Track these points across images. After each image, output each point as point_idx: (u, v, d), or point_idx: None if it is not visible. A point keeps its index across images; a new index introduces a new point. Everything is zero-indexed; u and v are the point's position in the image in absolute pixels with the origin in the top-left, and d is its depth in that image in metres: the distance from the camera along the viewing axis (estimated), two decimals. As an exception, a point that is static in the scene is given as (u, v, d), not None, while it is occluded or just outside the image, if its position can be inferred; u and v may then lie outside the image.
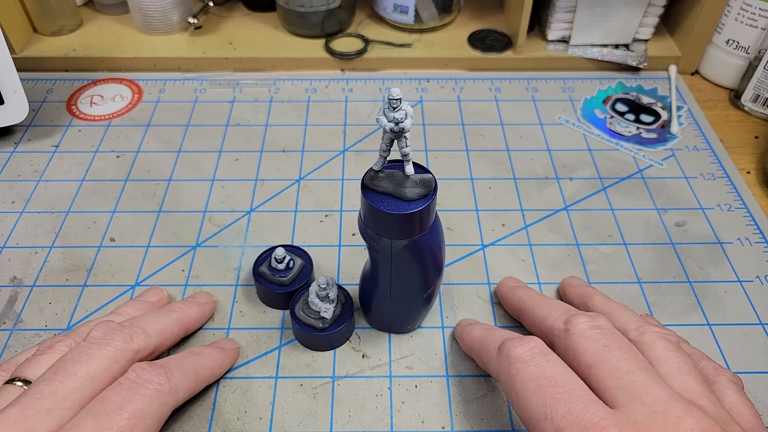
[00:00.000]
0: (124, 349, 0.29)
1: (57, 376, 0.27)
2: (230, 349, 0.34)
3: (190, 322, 0.35)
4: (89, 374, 0.27)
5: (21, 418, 0.25)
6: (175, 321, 0.34)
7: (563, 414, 0.24)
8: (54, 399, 0.26)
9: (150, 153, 0.48)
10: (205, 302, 0.37)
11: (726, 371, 0.29)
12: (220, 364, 0.33)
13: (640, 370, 0.25)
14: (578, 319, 0.28)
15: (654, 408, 0.24)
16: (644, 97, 0.54)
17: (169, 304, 0.36)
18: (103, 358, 0.28)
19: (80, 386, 0.27)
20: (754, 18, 0.51)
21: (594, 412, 0.24)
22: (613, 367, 0.26)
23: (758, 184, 0.47)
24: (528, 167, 0.48)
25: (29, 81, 0.55)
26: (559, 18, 0.55)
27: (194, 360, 0.32)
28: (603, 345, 0.27)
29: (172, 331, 0.33)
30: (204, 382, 0.32)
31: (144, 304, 0.36)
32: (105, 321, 0.30)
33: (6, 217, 0.43)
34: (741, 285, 0.40)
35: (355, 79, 0.56)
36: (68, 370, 0.27)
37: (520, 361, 0.27)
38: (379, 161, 0.28)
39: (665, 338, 0.28)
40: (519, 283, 0.38)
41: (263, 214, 0.44)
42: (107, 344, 0.29)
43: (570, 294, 0.37)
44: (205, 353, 0.33)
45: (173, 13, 0.57)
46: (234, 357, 0.35)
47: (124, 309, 0.35)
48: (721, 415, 0.25)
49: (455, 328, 0.36)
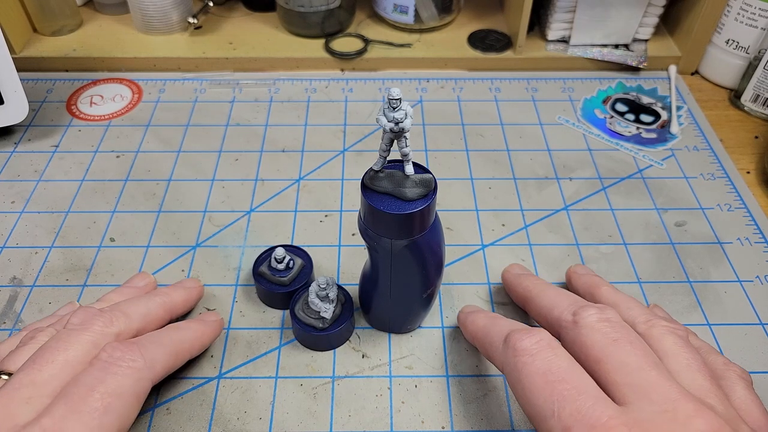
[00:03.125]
0: (104, 333, 0.29)
1: (35, 364, 0.27)
2: (212, 321, 0.34)
3: (175, 306, 0.35)
4: (68, 360, 0.27)
5: (1, 408, 0.25)
6: (159, 304, 0.33)
7: (571, 412, 0.24)
8: (32, 387, 0.26)
9: (150, 153, 0.48)
10: (192, 286, 0.37)
11: (735, 366, 0.29)
12: (200, 336, 0.33)
13: (650, 367, 0.25)
14: (587, 311, 0.28)
15: (663, 406, 0.23)
16: (644, 97, 0.54)
17: (156, 289, 0.36)
18: (82, 343, 0.28)
19: (59, 373, 0.27)
20: (754, 18, 0.51)
21: (603, 410, 0.23)
22: (622, 362, 0.25)
23: (758, 184, 0.47)
24: (528, 167, 0.48)
25: (29, 81, 0.55)
26: (559, 18, 0.55)
27: (171, 333, 0.31)
28: (612, 339, 0.26)
29: (156, 315, 0.33)
30: (185, 354, 0.32)
31: (130, 290, 0.36)
32: (85, 307, 0.30)
33: (6, 217, 0.43)
34: (741, 285, 0.40)
35: (355, 79, 0.56)
36: (46, 358, 0.27)
37: (526, 354, 0.26)
38: (379, 161, 0.28)
39: (674, 333, 0.28)
40: (524, 271, 0.37)
41: (263, 214, 0.44)
42: (86, 329, 0.29)
43: (576, 283, 0.36)
44: (184, 327, 0.33)
45: (173, 13, 0.57)
46: (216, 329, 0.34)
47: (110, 296, 0.35)
48: (730, 414, 0.24)
49: (458, 315, 0.36)
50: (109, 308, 0.31)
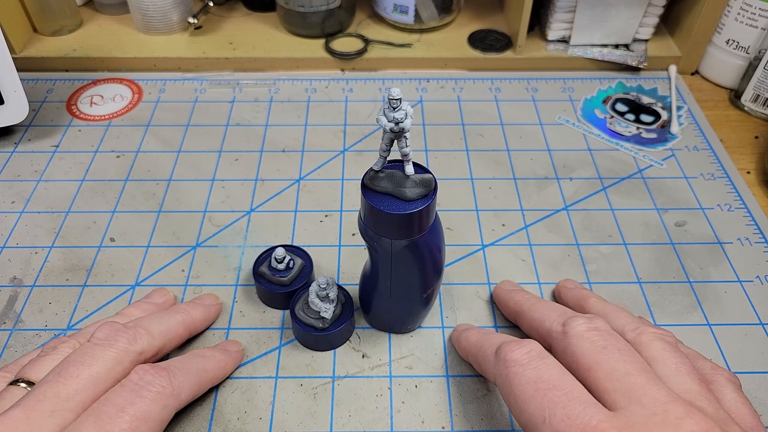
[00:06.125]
0: (128, 351, 0.29)
1: (60, 377, 0.27)
2: (234, 351, 0.34)
3: (194, 324, 0.35)
4: (92, 376, 0.27)
5: (23, 420, 0.25)
6: (180, 322, 0.34)
7: (561, 417, 0.24)
8: (56, 401, 0.26)
9: (150, 153, 0.48)
10: (210, 304, 0.37)
11: (723, 370, 0.29)
12: (223, 366, 0.33)
13: (639, 372, 0.25)
14: (576, 321, 0.28)
15: (653, 410, 0.24)
16: (644, 97, 0.54)
17: (174, 305, 0.36)
18: (107, 359, 0.28)
19: (83, 388, 0.27)
20: (754, 18, 0.51)
21: (593, 414, 0.24)
22: (611, 368, 0.26)
23: (758, 184, 0.47)
24: (528, 167, 0.48)
25: (29, 81, 0.55)
26: (559, 18, 0.55)
27: (197, 362, 0.31)
28: (601, 347, 0.27)
29: (176, 333, 0.33)
30: (207, 384, 0.32)
31: (149, 305, 0.36)
32: (109, 322, 0.30)
33: (6, 217, 0.43)
34: (741, 285, 0.40)
35: (355, 79, 0.56)
36: (71, 372, 0.27)
37: (517, 365, 0.27)
38: (379, 161, 0.28)
39: (662, 339, 0.28)
40: (516, 287, 0.38)
41: (263, 214, 0.44)
42: (111, 345, 0.29)
43: (566, 296, 0.37)
44: (209, 355, 0.33)
45: (173, 13, 0.57)
46: (238, 359, 0.35)
47: (129, 310, 0.35)
48: (720, 416, 0.24)
49: (452, 333, 0.36)
50: (133, 325, 0.31)
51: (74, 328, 0.37)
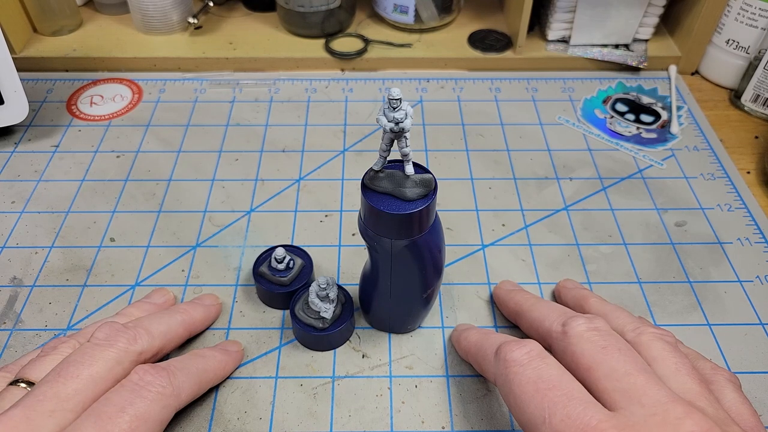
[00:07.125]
0: (128, 351, 0.29)
1: (60, 377, 0.27)
2: (234, 352, 0.34)
3: (194, 324, 0.35)
4: (92, 376, 0.27)
5: (23, 420, 0.25)
6: (180, 322, 0.34)
7: (561, 417, 0.24)
8: (56, 401, 0.26)
9: (150, 153, 0.48)
10: (210, 304, 0.37)
11: (723, 370, 0.29)
12: (223, 367, 0.33)
13: (639, 372, 0.25)
14: (576, 321, 0.28)
15: (653, 410, 0.24)
16: (644, 97, 0.54)
17: (174, 305, 0.36)
18: (106, 359, 0.28)
19: (83, 388, 0.27)
20: (754, 18, 0.51)
21: (593, 414, 0.24)
22: (611, 368, 0.26)
23: (758, 184, 0.47)
24: (528, 167, 0.48)
25: (29, 81, 0.55)
26: (559, 18, 0.55)
27: (197, 362, 0.31)
28: (601, 347, 0.27)
29: (176, 333, 0.33)
30: (207, 384, 0.32)
31: (149, 305, 0.36)
32: (109, 322, 0.30)
33: (6, 217, 0.43)
34: (741, 285, 0.40)
35: (355, 79, 0.56)
36: (71, 372, 0.27)
37: (517, 365, 0.27)
38: (379, 161, 0.28)
39: (662, 339, 0.28)
40: (516, 287, 0.38)
41: (263, 214, 0.44)
42: (110, 346, 0.29)
43: (565, 297, 0.37)
44: (209, 355, 0.33)
45: (173, 13, 0.57)
46: (238, 359, 0.35)
47: (129, 310, 0.35)
48: (720, 416, 0.24)
49: (452, 333, 0.36)
50: (133, 325, 0.31)
51: (74, 328, 0.37)
